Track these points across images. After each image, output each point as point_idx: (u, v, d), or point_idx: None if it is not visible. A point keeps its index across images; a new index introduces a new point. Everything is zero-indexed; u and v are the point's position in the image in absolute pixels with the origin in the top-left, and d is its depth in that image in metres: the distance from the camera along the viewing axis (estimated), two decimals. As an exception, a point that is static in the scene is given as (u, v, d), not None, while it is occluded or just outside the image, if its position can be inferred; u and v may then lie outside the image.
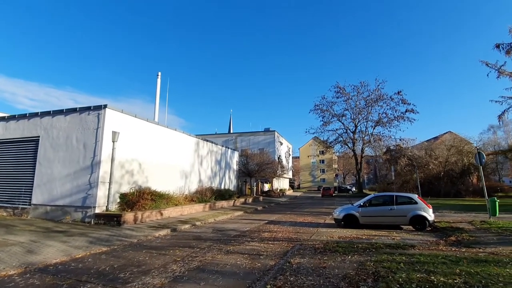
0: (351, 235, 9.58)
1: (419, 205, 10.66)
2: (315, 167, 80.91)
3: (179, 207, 15.26)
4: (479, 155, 11.49)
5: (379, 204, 11.41)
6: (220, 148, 24.97)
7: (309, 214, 17.30)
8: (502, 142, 55.12)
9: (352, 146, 41.58)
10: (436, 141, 39.59)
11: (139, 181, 14.50)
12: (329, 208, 21.77)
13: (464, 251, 6.76)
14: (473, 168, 32.04)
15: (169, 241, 9.05)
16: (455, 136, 35.55)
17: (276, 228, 11.73)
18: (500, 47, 21.47)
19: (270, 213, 18.08)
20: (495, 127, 58.67)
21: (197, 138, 20.90)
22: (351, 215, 11.30)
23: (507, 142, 52.73)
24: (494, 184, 29.84)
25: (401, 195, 11.41)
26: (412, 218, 10.52)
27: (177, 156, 17.97)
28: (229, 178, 26.85)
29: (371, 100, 39.95)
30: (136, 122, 14.62)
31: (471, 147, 32.16)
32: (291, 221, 14.15)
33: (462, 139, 33.58)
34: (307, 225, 12.53)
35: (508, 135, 58.22)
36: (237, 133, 48.20)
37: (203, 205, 17.57)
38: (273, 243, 8.48)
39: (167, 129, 17.22)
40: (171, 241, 9.04)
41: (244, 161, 31.87)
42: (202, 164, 21.35)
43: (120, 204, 13.08)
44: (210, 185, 22.01)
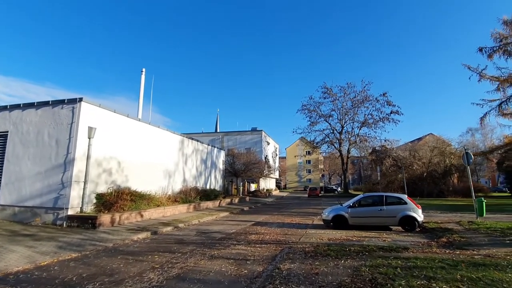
0: (341, 237, 9.24)
1: (409, 206, 10.49)
2: (301, 167, 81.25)
3: (161, 208, 14.48)
4: (466, 156, 11.48)
5: (368, 204, 11.17)
6: (205, 147, 24.24)
7: (297, 215, 16.95)
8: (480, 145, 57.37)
9: (338, 146, 41.85)
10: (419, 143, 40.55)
11: (118, 181, 13.62)
12: (316, 208, 21.56)
13: (459, 253, 6.53)
14: (454, 169, 32.92)
15: (148, 245, 8.36)
16: (437, 138, 36.46)
17: (263, 229, 11.24)
18: (483, 51, 22.03)
19: (257, 214, 17.59)
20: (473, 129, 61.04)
21: (182, 136, 20.11)
22: (340, 216, 10.99)
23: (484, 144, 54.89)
24: (475, 185, 30.63)
25: (390, 196, 11.22)
26: (402, 219, 10.33)
27: (160, 155, 17.14)
28: (215, 177, 26.15)
29: (358, 101, 40.42)
30: (116, 117, 13.73)
31: (452, 149, 33.04)
32: (279, 222, 13.71)
33: (444, 141, 34.43)
34: (295, 226, 12.12)
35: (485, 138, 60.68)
36: (223, 132, 47.45)
37: (187, 205, 16.84)
38: (261, 246, 7.99)
39: (149, 126, 16.38)
40: (150, 245, 8.36)
41: (231, 160, 31.24)
42: (187, 163, 20.58)
43: (97, 205, 12.19)
44: (195, 185, 21.28)
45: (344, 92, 40.98)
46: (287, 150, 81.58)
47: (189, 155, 20.96)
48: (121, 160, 13.82)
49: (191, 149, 21.31)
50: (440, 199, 26.03)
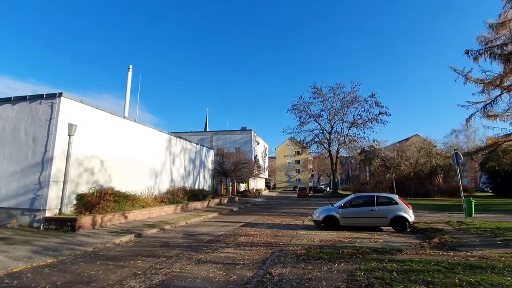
0: (333, 238, 9.03)
1: (400, 206, 10.40)
2: (290, 167, 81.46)
3: (146, 209, 13.93)
4: (456, 156, 11.53)
5: (359, 205, 11.04)
6: (194, 146, 23.70)
7: (287, 215, 16.71)
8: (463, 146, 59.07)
9: (328, 146, 42.02)
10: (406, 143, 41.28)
11: (101, 181, 12.99)
12: (306, 208, 21.42)
13: (453, 255, 6.40)
14: (440, 169, 33.62)
15: (131, 249, 7.89)
16: (423, 139, 37.18)
17: (253, 231, 10.91)
18: (469, 53, 22.43)
19: (246, 215, 17.25)
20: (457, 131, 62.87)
21: (169, 135, 19.53)
22: (331, 216, 10.80)
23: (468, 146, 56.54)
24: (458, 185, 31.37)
25: (381, 196, 11.13)
26: (393, 219, 10.23)
27: (146, 154, 16.54)
28: (204, 177, 25.64)
29: (347, 102, 40.69)
30: (98, 114, 13.09)
31: (438, 150, 33.75)
32: (269, 223, 13.42)
33: (430, 142, 35.13)
34: (285, 227, 11.86)
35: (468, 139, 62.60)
36: (213, 132, 46.80)
37: (174, 206, 16.31)
38: (251, 249, 7.66)
39: (134, 124, 15.76)
40: (133, 249, 7.89)
41: (220, 160, 30.76)
42: (175, 163, 20.01)
43: (77, 206, 11.55)
44: (183, 185, 20.73)
45: (333, 92, 41.25)
46: (277, 150, 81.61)
47: (177, 154, 20.39)
48: (104, 159, 13.19)
49: (179, 148, 20.74)
50: (427, 199, 26.43)
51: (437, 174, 32.50)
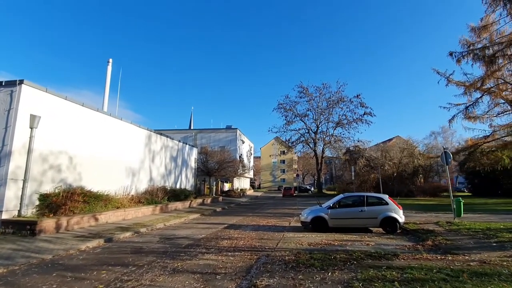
0: (322, 241, 8.45)
1: (390, 206, 10.00)
2: (275, 167, 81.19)
3: (121, 210, 12.83)
4: (445, 155, 11.33)
5: (348, 205, 10.55)
6: (176, 143, 22.60)
7: (272, 216, 16.07)
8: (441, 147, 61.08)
9: (313, 146, 41.90)
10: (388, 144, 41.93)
11: (69, 179, 11.79)
12: (291, 208, 20.90)
13: (452, 259, 5.95)
14: (421, 169, 34.27)
15: (97, 257, 6.92)
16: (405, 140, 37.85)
17: (237, 233, 10.16)
18: (453, 55, 22.72)
19: (230, 215, 16.45)
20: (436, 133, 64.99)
21: (149, 131, 18.38)
22: (320, 217, 10.23)
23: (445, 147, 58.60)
24: (441, 185, 32.12)
25: (371, 196, 10.69)
26: (383, 220, 9.81)
27: (122, 151, 15.38)
28: (186, 176, 24.57)
29: (333, 102, 40.73)
30: (67, 105, 11.88)
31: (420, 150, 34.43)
32: (254, 224, 12.71)
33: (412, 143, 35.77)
34: (271, 229, 11.19)
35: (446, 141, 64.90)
36: (197, 130, 45.51)
37: (152, 207, 15.24)
38: (234, 255, 6.91)
39: (109, 118, 14.57)
40: (99, 257, 6.93)
41: (204, 158, 29.72)
42: (154, 161, 18.88)
43: (40, 208, 10.35)
44: (163, 184, 19.64)
45: (319, 92, 41.21)
46: (262, 150, 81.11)
47: (157, 152, 19.27)
48: (73, 155, 11.99)
49: (159, 145, 19.62)
50: (410, 199, 26.67)
51: (419, 174, 33.06)
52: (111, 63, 34.95)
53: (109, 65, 34.92)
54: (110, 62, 34.86)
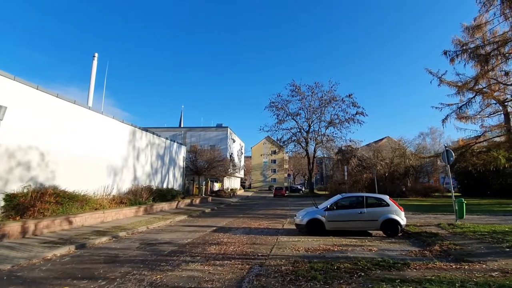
0: (320, 246, 7.70)
1: (391, 208, 9.35)
2: (266, 166, 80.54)
3: (99, 212, 11.74)
4: (447, 153, 10.78)
5: (347, 206, 9.85)
6: (163, 140, 21.50)
7: (264, 217, 15.27)
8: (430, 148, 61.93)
9: (305, 145, 41.37)
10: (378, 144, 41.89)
11: (40, 178, 10.66)
12: (284, 209, 20.16)
13: (469, 268, 5.30)
14: (412, 170, 34.23)
15: (63, 268, 5.94)
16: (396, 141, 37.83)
17: (226, 238, 9.29)
18: (447, 54, 22.54)
19: (219, 217, 15.55)
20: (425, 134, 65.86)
21: (133, 127, 17.26)
22: (316, 220, 9.49)
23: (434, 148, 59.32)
24: (432, 186, 32.12)
25: (371, 196, 10.02)
26: (384, 223, 9.15)
27: (103, 147, 14.26)
28: (174, 176, 23.49)
29: (325, 101, 40.29)
30: (39, 96, 10.73)
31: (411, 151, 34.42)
32: (245, 227, 11.86)
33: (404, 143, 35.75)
34: (264, 233, 10.37)
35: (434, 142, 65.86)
36: (186, 128, 44.24)
37: (135, 208, 14.18)
38: (222, 264, 6.06)
39: (89, 111, 13.44)
40: (66, 268, 5.95)
41: (193, 157, 28.63)
42: (139, 159, 17.77)
43: (6, 209, 9.22)
44: (149, 184, 18.56)
45: (312, 91, 40.69)
46: (253, 149, 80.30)
47: (142, 149, 18.16)
48: (45, 151, 10.85)
49: (144, 143, 18.51)
50: (404, 199, 26.32)
51: (410, 174, 32.99)
52: (96, 57, 33.53)
53: (95, 60, 33.51)
54: (96, 56, 33.45)
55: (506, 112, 24.47)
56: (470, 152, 26.20)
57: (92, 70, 33.91)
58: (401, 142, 34.52)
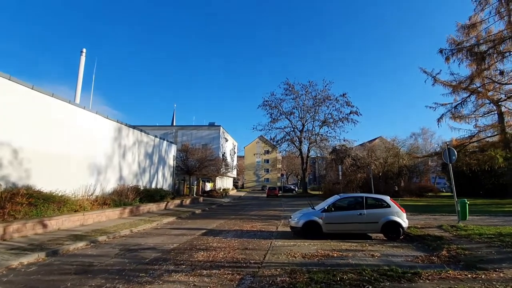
0: (318, 252, 7.06)
1: (392, 209, 8.80)
2: (259, 166, 79.93)
3: (79, 214, 10.86)
4: (449, 152, 10.31)
5: (345, 208, 9.26)
6: (152, 138, 20.59)
7: (257, 219, 14.59)
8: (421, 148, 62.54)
9: (299, 145, 40.88)
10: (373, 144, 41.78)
11: (13, 177, 9.74)
12: (277, 210, 19.54)
13: (486, 278, 4.74)
14: (406, 169, 34.10)
15: (27, 279, 5.15)
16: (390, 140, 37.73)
17: (216, 242, 8.58)
18: (442, 52, 22.31)
19: (210, 218, 14.80)
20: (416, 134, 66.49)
21: (119, 123, 16.34)
22: (313, 222, 8.86)
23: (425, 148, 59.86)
24: (426, 185, 32.04)
25: (371, 197, 9.45)
26: (385, 225, 8.59)
27: (85, 145, 13.35)
28: (163, 175, 22.59)
29: (319, 100, 39.87)
30: (12, 87, 9.80)
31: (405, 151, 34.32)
32: (236, 229, 11.16)
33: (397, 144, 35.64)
34: (256, 236, 9.70)
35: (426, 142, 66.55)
36: (178, 126, 43.18)
37: (120, 210, 13.31)
38: (210, 274, 5.35)
39: (70, 106, 12.52)
40: (30, 279, 5.16)
41: (184, 156, 27.74)
42: (125, 157, 16.87)
43: (-30, 212, 8.27)
44: (136, 184, 17.66)
45: (305, 90, 40.23)
46: (246, 149, 79.57)
47: (129, 147, 17.25)
48: (18, 148, 9.93)
49: (131, 140, 17.60)
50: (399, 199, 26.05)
51: (404, 174, 32.85)
52: (84, 53, 32.59)
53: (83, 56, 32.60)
54: (84, 52, 32.49)
55: (500, 112, 24.48)
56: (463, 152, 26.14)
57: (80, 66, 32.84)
58: (395, 142, 34.39)
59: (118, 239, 9.15)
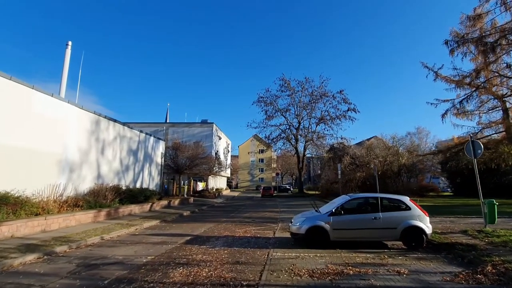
0: (328, 267, 5.58)
1: (413, 212, 7.39)
2: (254, 166, 78.41)
3: (40, 218, 9.15)
4: (473, 145, 8.97)
5: (356, 210, 7.81)
6: (137, 134, 18.87)
7: (251, 222, 13.05)
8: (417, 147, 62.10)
9: (295, 143, 39.45)
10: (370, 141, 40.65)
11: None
12: (273, 211, 18.04)
13: None
14: (405, 168, 33.04)
15: None
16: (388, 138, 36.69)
17: (201, 253, 7.02)
18: (448, 44, 21.18)
19: (198, 222, 13.21)
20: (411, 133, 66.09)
21: (97, 115, 14.61)
22: (318, 228, 7.38)
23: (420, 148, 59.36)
24: (427, 185, 30.99)
25: (387, 198, 8.01)
26: (405, 232, 7.15)
27: (54, 138, 11.63)
28: (150, 174, 20.88)
29: (315, 97, 38.53)
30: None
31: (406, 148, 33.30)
32: (227, 235, 9.61)
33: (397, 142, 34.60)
34: (251, 244, 8.17)
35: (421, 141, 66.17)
36: (169, 123, 41.31)
37: (94, 212, 11.62)
38: (185, 308, 3.81)
39: (34, 92, 10.75)
40: None
41: (173, 154, 26.02)
42: (105, 153, 15.15)
43: None
44: (118, 183, 15.96)
45: (302, 86, 38.78)
46: (240, 148, 77.95)
47: (108, 143, 15.54)
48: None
49: (112, 135, 15.87)
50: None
51: (404, 173, 31.79)
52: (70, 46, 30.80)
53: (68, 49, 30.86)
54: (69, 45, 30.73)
55: (505, 108, 23.54)
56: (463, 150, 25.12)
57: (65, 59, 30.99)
58: (395, 140, 33.29)
59: (82, 249, 7.51)
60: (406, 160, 32.74)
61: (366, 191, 24.72)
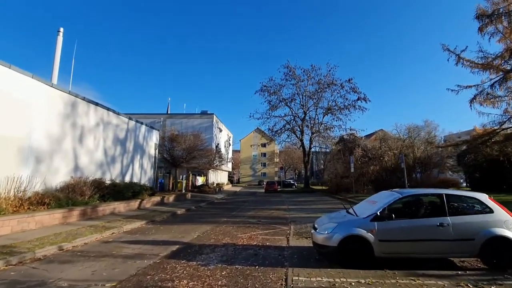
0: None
1: (497, 216, 5.11)
2: (256, 160, 76.16)
3: (-20, 221, 6.97)
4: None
5: (411, 214, 5.54)
6: (125, 121, 16.62)
7: (257, 223, 10.81)
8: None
9: (300, 135, 37.04)
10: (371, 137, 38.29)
11: None
12: (280, 209, 15.80)
13: None
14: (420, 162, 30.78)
15: None
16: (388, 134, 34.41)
17: (188, 275, 4.80)
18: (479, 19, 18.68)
19: (192, 223, 11.00)
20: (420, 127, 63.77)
21: (73, 96, 12.34)
22: (357, 238, 5.13)
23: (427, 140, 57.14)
24: (448, 179, 28.61)
25: (456, 195, 5.74)
26: (487, 245, 4.89)
27: (12, 120, 9.41)
28: (142, 167, 18.70)
29: (322, 85, 35.98)
30: None
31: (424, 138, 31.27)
32: (227, 243, 7.38)
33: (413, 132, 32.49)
34: (258, 258, 5.94)
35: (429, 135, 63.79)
36: (167, 115, 39.02)
37: (63, 212, 9.43)
38: None
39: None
40: None
41: (169, 146, 23.77)
42: (84, 142, 12.94)
43: None
44: (101, 177, 13.80)
45: (307, 75, 36.23)
46: (242, 142, 75.61)
47: (89, 130, 13.31)
48: None
49: (93, 120, 13.63)
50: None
51: (420, 166, 29.55)
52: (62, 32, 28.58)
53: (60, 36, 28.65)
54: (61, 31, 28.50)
55: (539, 94, 21.11)
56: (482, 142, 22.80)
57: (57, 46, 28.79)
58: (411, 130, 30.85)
59: (23, 266, 5.32)
60: (422, 153, 30.48)
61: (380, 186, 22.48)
